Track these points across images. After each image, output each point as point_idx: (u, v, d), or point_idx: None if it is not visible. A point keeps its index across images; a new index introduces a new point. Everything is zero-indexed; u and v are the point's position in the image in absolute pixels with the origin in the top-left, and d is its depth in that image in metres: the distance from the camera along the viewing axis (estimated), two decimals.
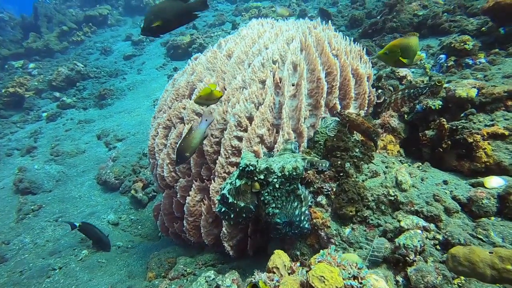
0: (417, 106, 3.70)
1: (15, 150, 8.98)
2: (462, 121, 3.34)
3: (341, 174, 3.11)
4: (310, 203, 3.10)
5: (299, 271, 2.02)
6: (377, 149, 3.50)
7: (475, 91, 3.32)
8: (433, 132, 3.49)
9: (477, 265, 1.77)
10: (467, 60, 4.53)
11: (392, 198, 2.86)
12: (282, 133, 3.24)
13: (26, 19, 15.92)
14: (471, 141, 3.16)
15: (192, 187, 3.58)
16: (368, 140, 3.41)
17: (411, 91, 3.83)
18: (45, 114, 10.50)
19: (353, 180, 3.05)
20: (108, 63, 13.38)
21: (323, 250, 1.71)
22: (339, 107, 3.62)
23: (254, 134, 3.24)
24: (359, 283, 1.56)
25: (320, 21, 4.42)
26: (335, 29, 4.55)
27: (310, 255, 3.11)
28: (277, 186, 2.83)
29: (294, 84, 3.60)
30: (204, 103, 3.13)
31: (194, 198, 3.60)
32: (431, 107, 3.54)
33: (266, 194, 2.89)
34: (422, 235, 2.51)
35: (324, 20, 4.75)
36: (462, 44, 4.59)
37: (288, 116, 3.36)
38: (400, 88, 4.23)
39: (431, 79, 4.06)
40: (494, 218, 2.67)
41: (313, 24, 4.27)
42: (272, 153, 3.43)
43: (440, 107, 3.54)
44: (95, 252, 5.17)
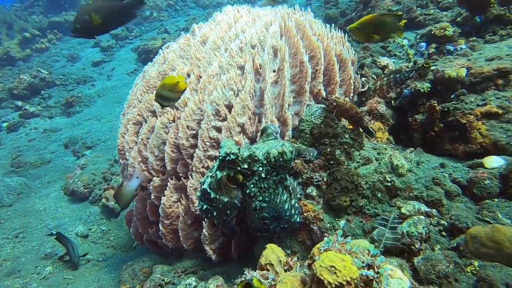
0: (405, 91, 3.53)
1: None
2: (453, 102, 3.19)
3: (332, 162, 2.85)
4: (299, 195, 2.81)
5: (297, 267, 1.72)
6: (375, 136, 3.26)
7: (464, 70, 3.17)
8: (423, 116, 3.31)
9: (503, 244, 1.53)
10: (448, 46, 4.44)
11: (389, 184, 2.62)
12: (265, 120, 2.96)
13: None
14: (465, 122, 3.00)
15: (168, 186, 3.21)
16: (358, 127, 3.18)
17: (396, 76, 3.65)
18: (5, 124, 9.72)
19: (345, 167, 2.80)
20: (75, 70, 12.70)
21: (328, 237, 1.42)
22: (324, 93, 3.38)
23: (235, 123, 2.93)
24: (376, 273, 1.29)
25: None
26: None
27: (302, 252, 2.81)
28: (263, 175, 2.51)
29: (275, 71, 3.33)
30: (167, 96, 2.75)
31: (170, 198, 3.23)
32: (420, 90, 3.38)
33: (252, 185, 2.56)
34: (426, 221, 2.28)
35: None
36: (442, 31, 4.51)
37: (271, 103, 3.08)
38: (385, 74, 4.07)
39: (416, 63, 3.92)
40: (497, 199, 2.48)
41: (292, 11, 4.04)
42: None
43: (428, 89, 3.38)
44: (62, 267, 4.63)
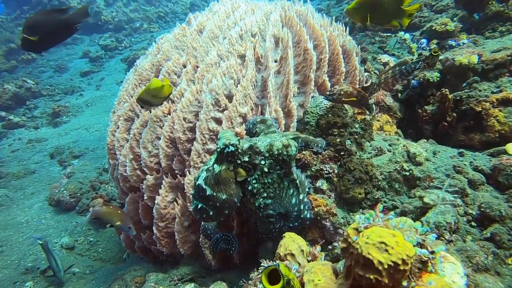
0: (412, 81, 3.37)
1: None
2: (465, 90, 3.03)
3: (342, 153, 2.62)
4: (308, 190, 2.56)
5: (321, 257, 1.47)
6: (374, 112, 3.05)
7: (476, 57, 3.03)
8: (433, 107, 3.14)
9: None
10: (450, 41, 4.34)
11: (407, 174, 2.40)
12: (270, 109, 2.73)
13: None
14: (480, 109, 2.83)
15: (162, 184, 2.93)
16: (362, 108, 2.94)
17: (402, 67, 3.48)
18: None
19: (357, 157, 2.58)
20: (63, 81, 12.37)
21: (366, 214, 1.19)
22: (328, 84, 3.19)
23: (236, 112, 2.70)
24: (430, 252, 1.05)
25: None
26: None
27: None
28: (265, 170, 2.26)
29: (276, 61, 3.14)
30: (150, 101, 2.55)
31: (165, 198, 2.94)
32: (429, 79, 3.22)
33: (254, 181, 2.30)
34: (454, 210, 2.05)
35: None
36: (444, 26, 4.42)
37: (274, 93, 2.87)
38: (389, 67, 3.92)
39: (421, 55, 3.79)
40: None
41: (290, 3, 3.89)
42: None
43: (438, 79, 3.22)
44: (43, 282, 4.23)
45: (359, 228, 1.14)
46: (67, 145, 8.23)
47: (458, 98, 2.96)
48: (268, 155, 2.25)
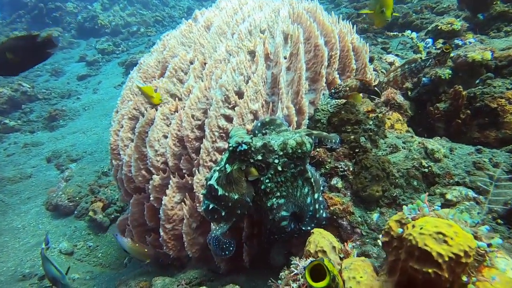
0: (423, 79, 3.32)
1: None
2: (479, 87, 2.98)
3: (357, 150, 2.54)
4: (322, 188, 2.47)
5: (354, 254, 1.38)
6: (381, 96, 2.98)
7: (489, 53, 2.99)
8: (446, 104, 3.08)
9: None
10: (456, 41, 4.31)
11: (426, 170, 2.33)
12: (282, 106, 2.65)
13: None
14: (495, 106, 2.78)
15: (170, 184, 2.83)
16: (372, 94, 2.85)
17: (412, 65, 3.43)
18: None
19: (373, 154, 2.50)
20: (59, 84, 12.21)
21: (410, 205, 1.10)
22: (339, 82, 3.12)
23: (247, 109, 2.62)
24: (488, 245, 0.97)
25: None
26: None
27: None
28: (279, 168, 2.17)
29: (285, 57, 3.07)
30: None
31: (172, 199, 2.84)
32: (441, 76, 3.16)
33: (268, 180, 2.21)
34: (479, 207, 1.98)
35: None
36: (450, 26, 4.40)
37: (285, 90, 2.79)
38: (397, 65, 3.86)
39: (429, 54, 3.74)
40: None
41: (298, 0, 3.84)
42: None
43: (450, 76, 3.17)
44: None
45: (402, 220, 1.06)
46: (64, 148, 8.08)
47: (472, 95, 2.90)
48: (282, 153, 2.17)
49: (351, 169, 2.48)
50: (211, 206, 2.24)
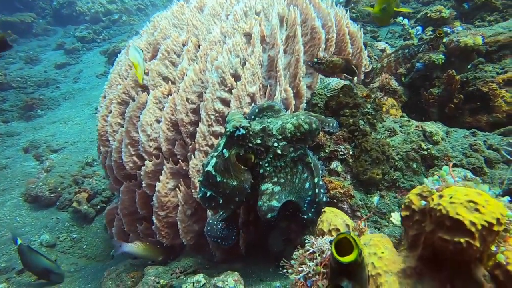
0: (417, 64, 3.33)
1: None
2: (471, 72, 3.01)
3: (356, 133, 2.52)
4: (321, 172, 2.44)
5: (368, 232, 1.35)
6: (357, 74, 2.96)
7: (480, 38, 3.02)
8: (439, 89, 3.11)
9: None
10: (445, 28, 4.35)
11: (425, 153, 2.33)
12: (280, 89, 2.59)
13: None
14: (487, 90, 2.82)
15: (163, 170, 2.73)
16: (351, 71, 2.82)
17: (405, 51, 3.44)
18: None
19: (372, 137, 2.49)
20: (36, 73, 11.68)
21: (431, 177, 1.07)
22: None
23: (245, 91, 2.54)
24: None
25: None
26: None
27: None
28: (278, 151, 2.10)
29: (282, 40, 3.00)
30: None
31: (166, 185, 2.74)
32: (434, 61, 3.18)
33: (267, 164, 2.15)
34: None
35: None
36: (438, 13, 4.45)
37: (283, 72, 2.73)
38: (390, 51, 3.88)
39: (422, 39, 3.76)
40: None
41: None
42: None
43: (443, 61, 3.20)
44: (20, 283, 3.90)
45: (424, 193, 1.03)
46: (43, 139, 7.76)
47: (465, 79, 2.94)
48: (281, 137, 2.11)
49: (350, 152, 2.46)
50: (208, 193, 2.15)
